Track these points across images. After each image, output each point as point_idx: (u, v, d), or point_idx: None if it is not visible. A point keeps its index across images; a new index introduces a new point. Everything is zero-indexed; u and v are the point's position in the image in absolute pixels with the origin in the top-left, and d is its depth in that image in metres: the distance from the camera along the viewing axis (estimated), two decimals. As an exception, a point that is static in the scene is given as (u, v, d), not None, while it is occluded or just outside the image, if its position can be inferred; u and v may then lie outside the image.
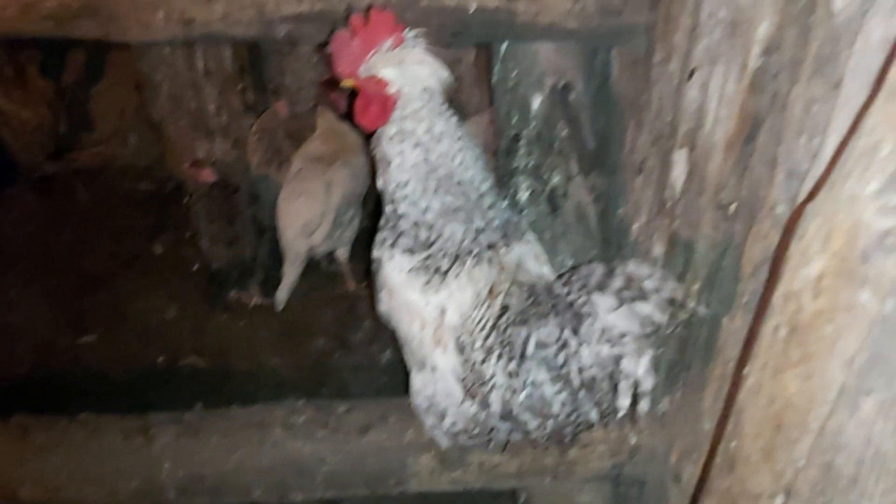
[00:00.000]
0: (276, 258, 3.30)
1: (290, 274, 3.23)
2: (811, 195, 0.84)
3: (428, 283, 1.63)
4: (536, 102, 2.19)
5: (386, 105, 1.61)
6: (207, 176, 3.44)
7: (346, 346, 3.13)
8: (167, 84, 3.69)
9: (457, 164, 1.62)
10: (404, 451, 1.89)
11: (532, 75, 2.18)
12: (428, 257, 1.64)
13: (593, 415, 1.50)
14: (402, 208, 1.64)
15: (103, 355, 3.11)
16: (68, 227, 3.94)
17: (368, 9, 1.57)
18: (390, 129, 1.62)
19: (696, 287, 1.81)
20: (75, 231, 3.92)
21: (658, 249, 2.01)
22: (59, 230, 3.94)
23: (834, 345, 0.80)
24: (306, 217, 3.16)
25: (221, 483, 1.90)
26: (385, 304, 1.73)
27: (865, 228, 0.73)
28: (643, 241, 2.10)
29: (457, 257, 1.63)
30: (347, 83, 1.62)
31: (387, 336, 1.78)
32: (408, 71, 1.57)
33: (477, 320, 1.59)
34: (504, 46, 2.22)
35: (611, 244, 2.26)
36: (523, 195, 2.19)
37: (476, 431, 1.67)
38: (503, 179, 2.25)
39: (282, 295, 3.24)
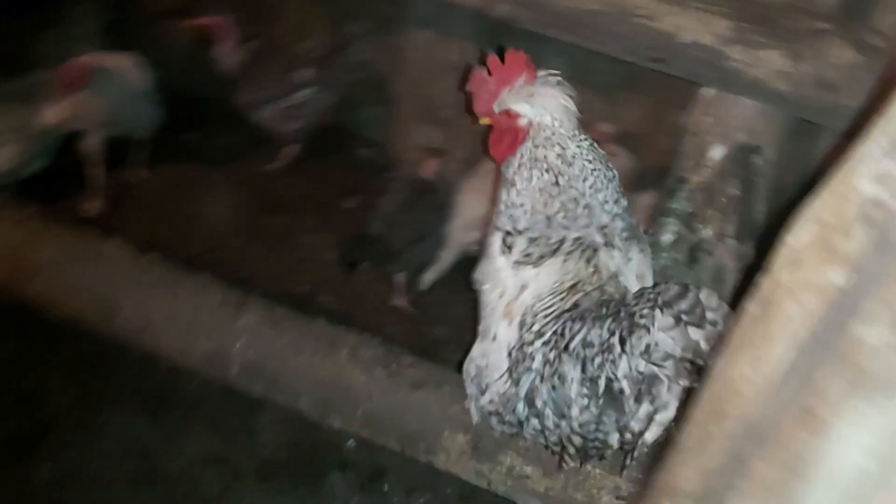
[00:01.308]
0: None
1: (445, 260, 3.32)
2: None
3: (522, 259, 1.63)
4: (717, 153, 2.09)
5: (517, 136, 1.64)
6: (429, 168, 3.51)
7: (453, 333, 3.14)
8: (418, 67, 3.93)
9: (588, 186, 1.62)
10: (444, 423, 1.86)
11: (722, 125, 2.09)
12: (532, 240, 1.64)
13: (611, 436, 1.40)
14: (522, 222, 1.65)
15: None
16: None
17: (502, 49, 1.62)
18: (522, 155, 1.64)
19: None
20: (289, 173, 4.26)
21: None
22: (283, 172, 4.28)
23: None
24: (478, 212, 3.23)
25: (278, 378, 2.00)
26: (480, 270, 1.75)
27: None
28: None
29: (558, 248, 1.62)
30: (484, 121, 1.69)
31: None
32: (538, 103, 1.61)
33: (546, 306, 1.56)
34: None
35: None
36: (667, 237, 2.09)
37: (507, 418, 1.62)
38: (654, 216, 2.17)
39: (430, 276, 3.34)
